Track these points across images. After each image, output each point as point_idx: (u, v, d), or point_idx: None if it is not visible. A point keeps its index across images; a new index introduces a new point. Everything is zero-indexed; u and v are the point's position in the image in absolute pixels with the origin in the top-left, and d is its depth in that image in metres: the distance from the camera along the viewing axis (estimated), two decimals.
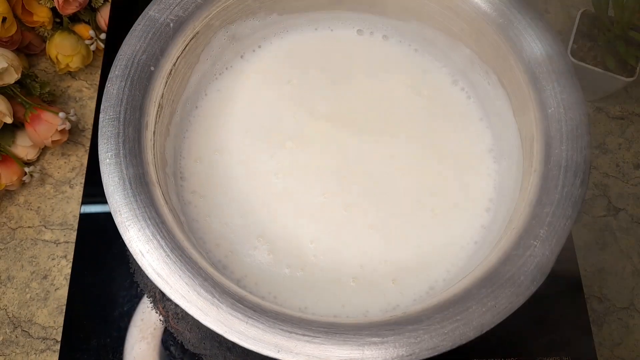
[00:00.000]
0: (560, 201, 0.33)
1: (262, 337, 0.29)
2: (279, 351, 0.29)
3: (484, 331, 0.30)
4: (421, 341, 0.30)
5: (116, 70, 0.36)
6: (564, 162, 0.35)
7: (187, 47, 0.39)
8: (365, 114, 0.44)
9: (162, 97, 0.38)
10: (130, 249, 0.31)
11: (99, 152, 0.34)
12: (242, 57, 0.46)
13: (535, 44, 0.38)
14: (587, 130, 0.35)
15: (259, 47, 0.46)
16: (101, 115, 0.35)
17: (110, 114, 0.35)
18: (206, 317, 0.30)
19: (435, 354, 0.29)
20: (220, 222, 0.40)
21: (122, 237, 0.32)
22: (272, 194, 0.41)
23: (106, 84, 0.36)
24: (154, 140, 0.36)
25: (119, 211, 0.32)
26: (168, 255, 0.31)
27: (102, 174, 0.33)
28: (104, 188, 0.33)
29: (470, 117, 0.44)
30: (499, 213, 0.39)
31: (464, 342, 0.30)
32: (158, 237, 0.31)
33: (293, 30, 0.47)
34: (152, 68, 0.37)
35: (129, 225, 0.32)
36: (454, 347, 0.30)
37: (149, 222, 0.32)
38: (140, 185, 0.33)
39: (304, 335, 0.29)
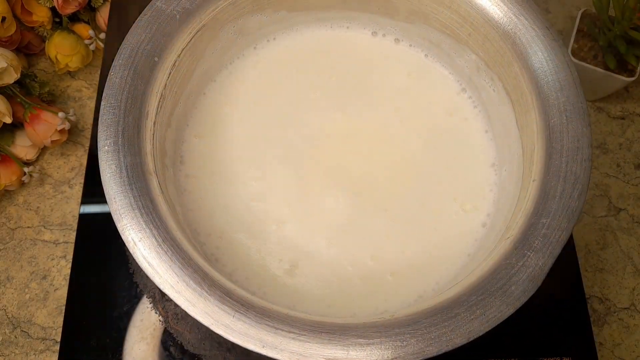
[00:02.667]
0: (557, 212, 0.33)
1: (247, 332, 0.29)
2: (263, 346, 0.29)
3: (471, 339, 0.30)
4: (407, 345, 0.30)
5: (120, 59, 0.36)
6: (563, 174, 0.34)
7: (192, 40, 0.39)
8: (372, 118, 0.44)
9: (164, 87, 0.38)
10: (123, 237, 0.31)
11: (98, 139, 0.34)
12: (254, 48, 0.46)
13: (541, 53, 0.38)
14: (588, 143, 0.35)
15: (274, 39, 0.46)
16: (102, 103, 0.35)
17: (112, 101, 0.35)
18: (194, 309, 0.30)
19: (421, 358, 0.30)
20: (212, 206, 0.40)
21: (116, 224, 0.32)
22: (265, 188, 0.41)
23: (109, 72, 0.36)
24: (154, 130, 0.36)
25: (114, 199, 0.32)
26: (160, 245, 0.31)
27: (99, 161, 0.33)
28: (101, 175, 0.33)
29: (476, 129, 0.44)
30: (495, 225, 0.39)
31: (450, 348, 0.30)
32: (151, 226, 0.32)
33: (303, 28, 0.47)
34: (156, 59, 0.37)
35: (122, 213, 0.32)
36: (440, 352, 0.30)
37: (142, 210, 0.32)
38: (136, 174, 0.33)
39: (289, 332, 0.29)
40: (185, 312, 0.30)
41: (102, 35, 0.69)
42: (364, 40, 0.47)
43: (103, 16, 0.69)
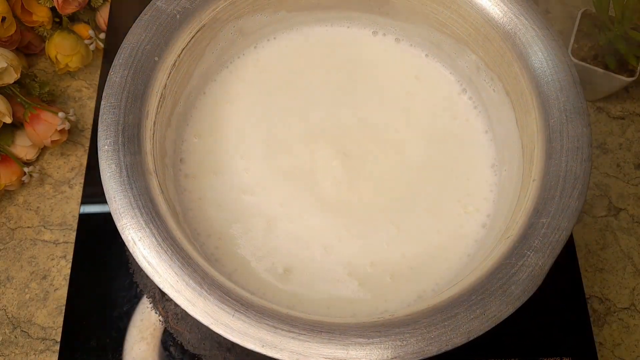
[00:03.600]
0: (557, 212, 0.33)
1: (247, 331, 0.29)
2: (263, 346, 0.29)
3: (471, 338, 0.30)
4: (407, 344, 0.29)
5: (120, 59, 0.36)
6: (563, 173, 0.34)
7: (192, 40, 0.40)
8: (372, 118, 0.44)
9: (164, 87, 0.38)
10: (123, 237, 0.32)
11: (98, 139, 0.34)
12: (255, 47, 0.46)
13: (541, 53, 0.38)
14: (588, 143, 0.35)
15: (274, 38, 0.46)
16: (102, 102, 0.35)
17: (112, 101, 0.35)
18: (193, 308, 0.30)
19: (421, 357, 0.30)
20: (211, 206, 0.40)
21: (116, 224, 0.32)
22: (262, 188, 0.41)
23: (109, 71, 0.36)
24: (154, 130, 0.37)
25: (114, 198, 0.32)
26: (159, 244, 0.31)
27: (99, 161, 0.33)
28: (101, 175, 0.33)
29: (477, 130, 0.44)
30: (495, 225, 0.39)
31: (450, 348, 0.30)
32: (151, 225, 0.32)
33: (304, 27, 0.47)
34: (156, 58, 0.37)
35: (122, 213, 0.32)
36: (440, 352, 0.30)
37: (142, 210, 0.32)
38: (136, 174, 0.33)
39: (289, 331, 0.30)
40: (185, 312, 0.30)
41: (102, 35, 0.69)
42: (364, 40, 0.47)
43: (103, 16, 0.69)
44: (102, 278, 0.46)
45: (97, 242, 0.47)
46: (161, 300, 0.44)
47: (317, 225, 0.40)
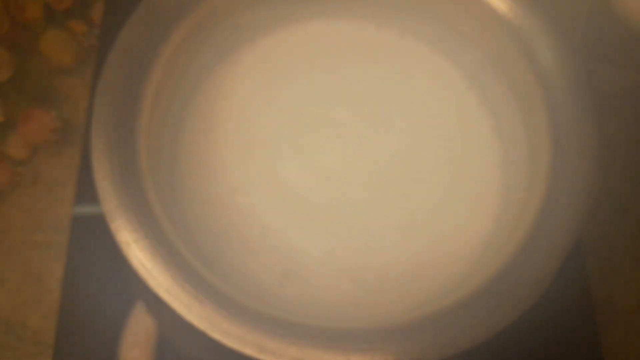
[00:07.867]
0: (564, 213, 0.33)
1: (245, 337, 0.29)
2: (261, 352, 0.29)
3: (475, 343, 0.30)
4: (410, 350, 0.29)
5: (114, 55, 0.37)
6: (570, 173, 0.34)
7: (188, 35, 0.40)
8: (375, 115, 0.44)
9: (160, 84, 0.39)
10: (116, 239, 0.31)
11: (91, 138, 0.34)
12: (253, 42, 0.46)
13: (549, 50, 0.38)
14: (597, 142, 0.35)
15: (273, 32, 0.46)
16: (96, 100, 0.36)
17: (105, 99, 0.36)
18: (189, 313, 0.30)
19: None
20: (207, 207, 0.40)
21: (109, 225, 0.32)
22: (259, 188, 0.41)
23: (103, 68, 0.36)
24: (148, 128, 0.37)
25: (107, 199, 0.33)
26: (154, 247, 0.31)
27: (92, 160, 0.34)
28: (94, 174, 0.33)
29: (481, 128, 0.43)
30: (501, 227, 0.39)
31: (453, 352, 0.30)
32: (146, 227, 0.32)
33: (304, 21, 0.47)
34: (151, 54, 0.38)
35: (116, 214, 0.32)
36: (442, 356, 0.30)
37: (137, 211, 0.32)
38: (130, 174, 0.34)
39: (288, 336, 0.29)
40: (181, 317, 0.30)
41: (96, 32, 0.69)
42: (367, 33, 0.47)
43: (97, 12, 0.69)
44: (96, 281, 0.46)
45: (91, 244, 0.47)
46: (156, 304, 0.44)
47: (312, 230, 0.39)
